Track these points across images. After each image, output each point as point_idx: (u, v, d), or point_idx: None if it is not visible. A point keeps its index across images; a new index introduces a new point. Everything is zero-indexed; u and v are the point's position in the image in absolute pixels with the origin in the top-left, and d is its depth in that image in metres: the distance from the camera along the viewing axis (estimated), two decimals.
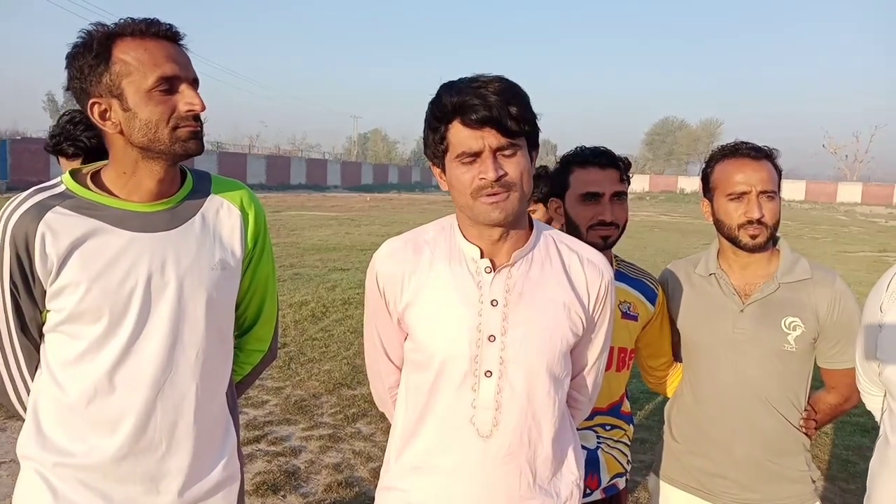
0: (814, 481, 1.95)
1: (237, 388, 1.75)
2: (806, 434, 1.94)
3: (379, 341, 1.58)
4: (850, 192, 56.81)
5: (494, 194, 1.37)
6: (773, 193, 1.88)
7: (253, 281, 1.64)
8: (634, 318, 2.03)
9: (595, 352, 1.62)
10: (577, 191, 1.97)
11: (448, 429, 1.47)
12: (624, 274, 2.08)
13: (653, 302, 2.07)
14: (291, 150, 67.06)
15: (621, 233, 1.98)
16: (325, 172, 56.48)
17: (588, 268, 1.54)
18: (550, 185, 2.09)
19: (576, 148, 2.06)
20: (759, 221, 1.86)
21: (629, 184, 2.03)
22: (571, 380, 1.61)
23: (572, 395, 1.65)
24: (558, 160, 2.10)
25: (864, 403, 1.84)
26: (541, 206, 3.19)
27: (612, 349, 2.00)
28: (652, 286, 2.09)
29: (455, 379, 1.45)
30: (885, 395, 1.61)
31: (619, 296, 2.03)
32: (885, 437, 1.57)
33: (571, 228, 2.00)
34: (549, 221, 1.98)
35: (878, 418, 1.74)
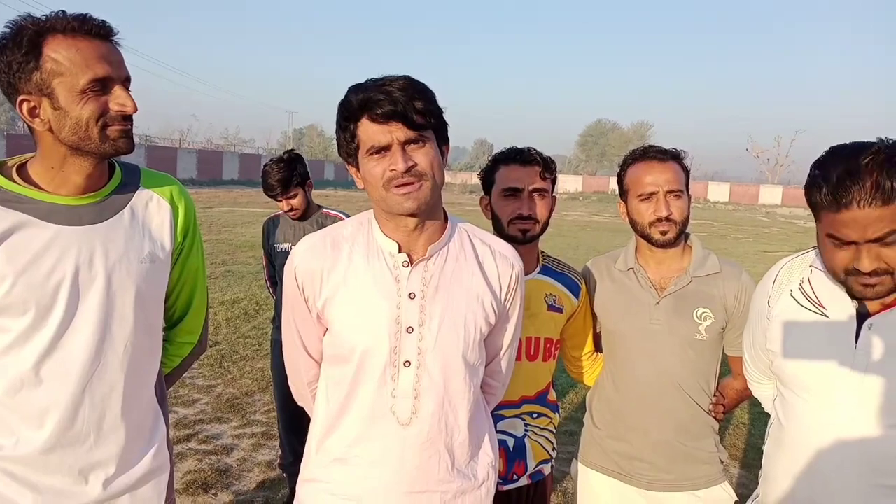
0: (722, 462, 2.08)
1: (167, 380, 1.76)
2: (715, 418, 2.07)
3: (298, 337, 1.61)
4: (771, 195, 59.27)
5: (406, 184, 1.42)
6: (680, 192, 2.01)
7: (182, 274, 1.64)
8: (560, 311, 2.12)
9: (507, 339, 1.70)
10: (500, 186, 2.06)
11: (369, 419, 1.52)
12: (549, 268, 2.17)
13: (576, 295, 2.16)
14: (224, 144, 65.42)
15: (543, 228, 2.06)
16: (258, 168, 54.92)
17: (500, 260, 1.61)
18: (482, 182, 2.16)
19: (505, 148, 2.14)
20: (667, 219, 1.98)
21: (553, 182, 2.11)
22: (486, 366, 1.68)
23: (487, 381, 1.72)
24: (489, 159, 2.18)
25: None
26: (300, 189, 3.38)
27: (538, 340, 2.09)
28: (576, 280, 2.18)
29: (375, 370, 1.49)
30: (775, 384, 1.73)
31: (545, 289, 2.12)
32: (778, 421, 1.68)
33: (496, 223, 2.08)
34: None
35: (766, 406, 1.87)
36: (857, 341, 1.49)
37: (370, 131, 1.42)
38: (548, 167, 2.07)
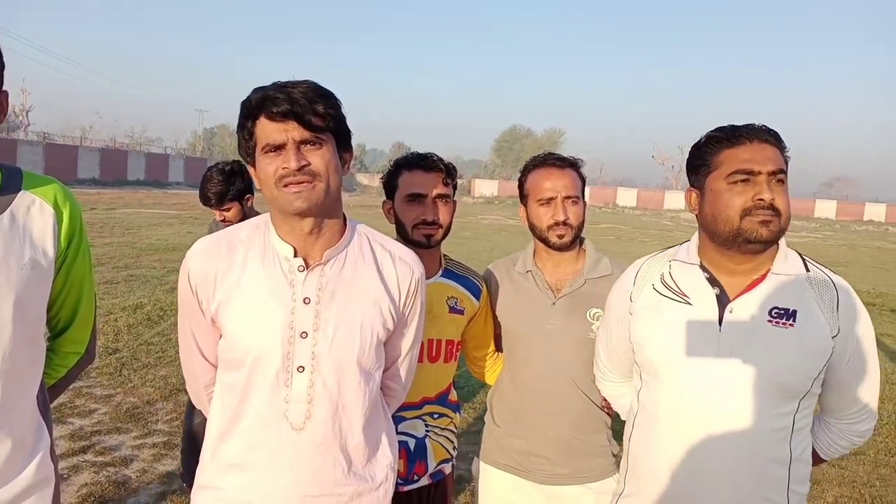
0: (614, 455, 2.18)
1: (51, 391, 1.67)
2: (608, 413, 2.16)
3: (193, 340, 1.59)
4: (676, 200, 61.81)
5: (298, 183, 1.42)
6: (577, 198, 2.10)
7: (67, 281, 1.57)
8: (461, 312, 2.17)
9: (407, 344, 1.72)
10: (403, 192, 2.08)
11: (262, 424, 1.51)
12: (451, 271, 2.21)
13: (478, 297, 2.21)
14: (130, 143, 62.61)
15: (445, 232, 2.10)
16: (166, 168, 53.24)
17: (400, 265, 1.63)
18: (384, 187, 2.17)
19: (407, 153, 2.16)
20: (564, 223, 2.06)
21: (455, 188, 2.15)
22: (386, 370, 1.69)
23: (387, 385, 1.74)
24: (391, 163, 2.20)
25: None
26: (236, 203, 3.34)
27: (440, 341, 2.13)
28: (477, 283, 2.23)
29: (268, 375, 1.48)
30: (638, 377, 1.81)
31: (447, 291, 2.16)
32: (644, 412, 1.75)
33: (400, 228, 2.10)
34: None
35: (615, 405, 1.99)
36: (720, 325, 1.60)
37: (267, 129, 1.42)
38: (450, 173, 2.11)
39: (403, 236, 2.09)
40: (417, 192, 2.05)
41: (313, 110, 1.41)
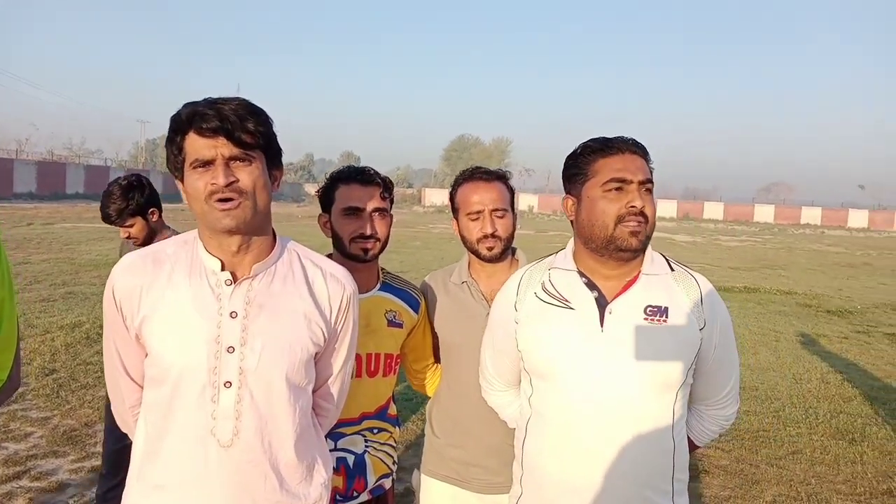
0: None
1: None
2: None
3: (118, 359, 1.56)
4: None
5: (226, 199, 1.42)
6: (505, 211, 2.14)
7: None
8: (399, 326, 2.18)
9: (339, 361, 1.71)
10: (340, 205, 2.08)
11: (188, 442, 1.48)
12: (389, 285, 2.22)
13: (416, 310, 2.23)
14: (68, 155, 60.69)
15: (383, 246, 2.11)
16: (106, 181, 49.08)
17: (330, 281, 1.64)
18: (319, 200, 2.17)
19: (343, 167, 2.17)
20: (493, 235, 2.11)
21: (392, 202, 2.17)
22: (317, 389, 1.69)
23: (319, 404, 1.73)
24: (327, 176, 2.20)
25: None
26: (138, 219, 3.23)
27: (378, 355, 2.13)
28: (415, 295, 2.25)
29: (194, 391, 1.47)
30: (527, 382, 1.84)
31: (385, 305, 2.17)
32: (537, 415, 1.79)
33: (336, 241, 2.10)
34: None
35: (501, 413, 2.02)
36: (602, 326, 1.68)
37: (196, 145, 1.41)
38: (387, 187, 2.13)
39: (340, 250, 2.10)
40: (355, 205, 2.06)
41: (243, 127, 1.41)
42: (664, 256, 1.79)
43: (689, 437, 1.81)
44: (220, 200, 1.42)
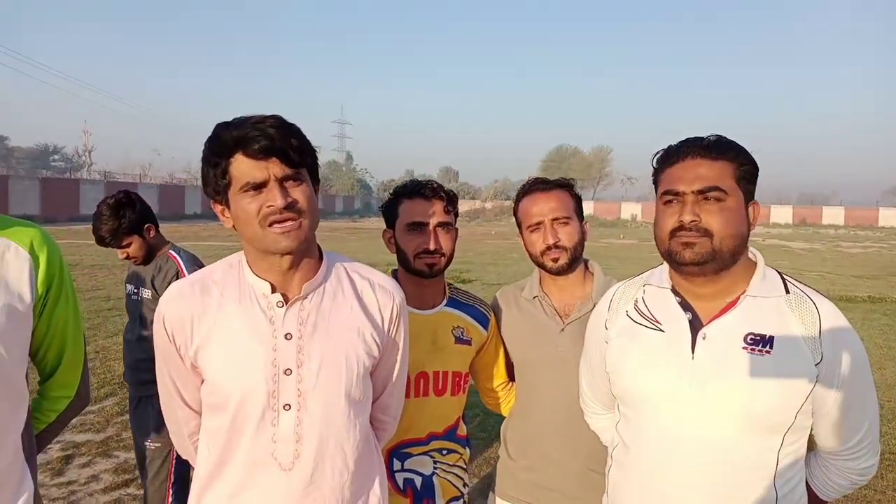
0: None
1: (44, 436, 1.66)
2: None
3: (174, 388, 1.55)
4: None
5: (284, 221, 1.39)
6: (567, 219, 2.02)
7: (50, 325, 1.56)
8: (468, 343, 2.10)
9: (394, 373, 1.67)
10: (404, 220, 2.03)
11: (250, 466, 1.46)
12: (457, 300, 2.15)
13: (485, 326, 2.14)
14: (187, 178, 64.74)
15: (448, 261, 2.05)
16: None
17: (380, 292, 1.60)
18: (384, 215, 2.13)
19: (407, 181, 2.12)
20: (556, 246, 1.99)
21: (456, 215, 2.10)
22: (375, 402, 1.64)
23: (377, 417, 1.69)
24: (391, 192, 2.16)
25: None
26: (134, 237, 3.06)
27: (446, 374, 2.06)
28: (484, 311, 2.17)
29: (254, 416, 1.44)
30: (616, 409, 1.72)
31: (453, 321, 2.09)
32: (622, 444, 1.66)
33: (401, 257, 2.05)
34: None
35: (602, 438, 1.86)
36: (693, 352, 1.50)
37: (245, 167, 1.38)
38: (451, 200, 2.07)
39: (405, 266, 2.05)
40: (418, 220, 2.01)
41: (291, 146, 1.38)
42: (782, 276, 1.56)
43: (811, 488, 1.59)
44: (278, 222, 1.39)
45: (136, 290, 3.13)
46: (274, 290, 1.48)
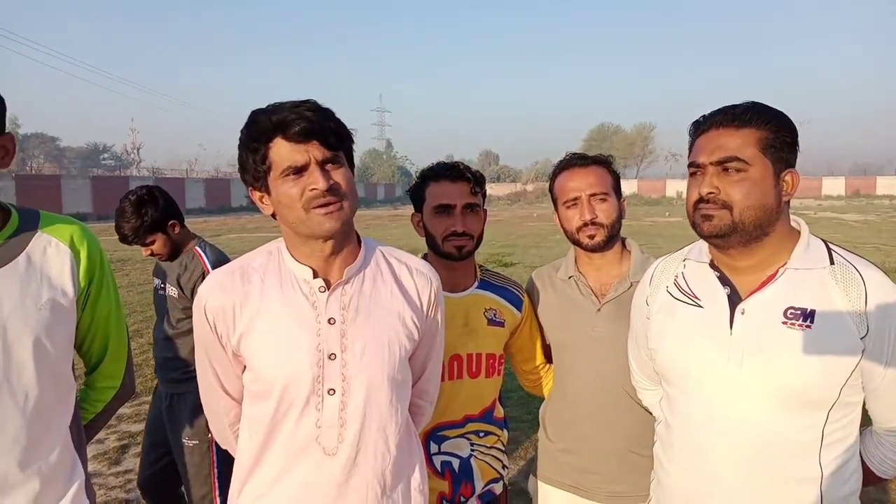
0: None
1: (92, 426, 1.72)
2: None
3: (215, 377, 1.55)
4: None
5: (328, 204, 1.38)
6: (605, 195, 1.98)
7: (94, 318, 1.60)
8: (501, 324, 2.08)
9: (431, 357, 1.68)
10: (431, 203, 2.02)
11: (293, 452, 1.47)
12: (488, 282, 2.13)
13: (519, 308, 2.12)
14: (232, 172, 65.85)
15: (477, 243, 2.03)
16: None
17: (417, 276, 1.60)
18: (411, 199, 2.12)
19: (433, 164, 2.11)
20: (593, 222, 1.95)
21: (484, 196, 2.08)
22: (413, 386, 1.64)
23: (414, 402, 1.68)
24: (417, 176, 2.14)
25: None
26: (158, 234, 2.94)
27: (479, 356, 2.05)
28: (516, 293, 2.14)
29: (299, 401, 1.45)
30: (661, 384, 1.69)
31: (485, 303, 2.08)
32: (665, 422, 1.64)
33: (430, 240, 2.04)
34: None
35: (655, 413, 1.82)
36: (731, 328, 1.46)
37: (285, 151, 1.37)
38: (478, 182, 2.04)
39: (434, 249, 2.04)
40: (445, 202, 1.99)
41: (330, 129, 1.38)
42: (827, 245, 1.50)
43: (867, 465, 1.53)
44: (322, 206, 1.38)
45: (162, 285, 3.10)
46: (315, 276, 1.48)
